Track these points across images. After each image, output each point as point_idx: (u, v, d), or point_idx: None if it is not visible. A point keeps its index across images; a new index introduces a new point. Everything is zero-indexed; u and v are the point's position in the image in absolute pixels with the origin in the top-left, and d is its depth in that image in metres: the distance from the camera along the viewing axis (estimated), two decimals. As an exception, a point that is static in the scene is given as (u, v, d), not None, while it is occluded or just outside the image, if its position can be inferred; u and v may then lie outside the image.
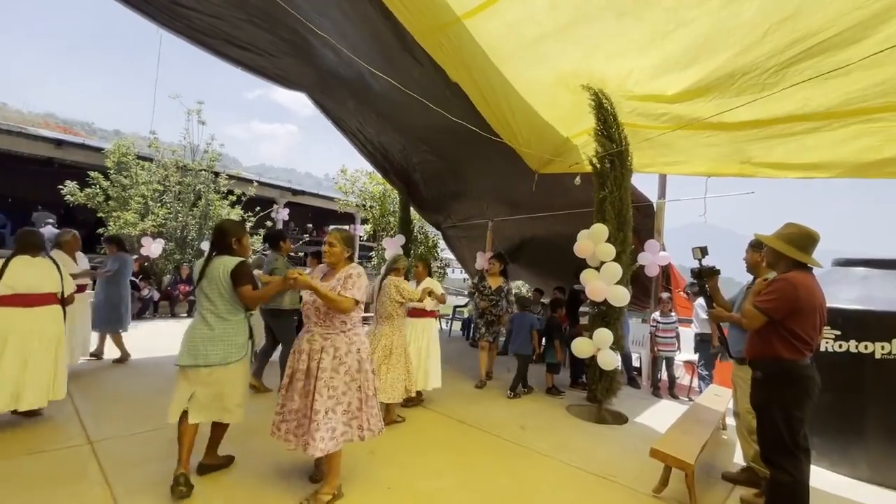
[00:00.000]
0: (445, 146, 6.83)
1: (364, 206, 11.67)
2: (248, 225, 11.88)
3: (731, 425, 4.25)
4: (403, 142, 7.35)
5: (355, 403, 2.59)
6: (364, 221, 12.93)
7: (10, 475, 2.74)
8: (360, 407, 2.61)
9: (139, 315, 8.80)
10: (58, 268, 3.56)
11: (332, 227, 16.45)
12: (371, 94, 5.75)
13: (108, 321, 5.39)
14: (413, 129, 6.68)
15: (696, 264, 3.20)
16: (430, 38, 3.99)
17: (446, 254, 12.36)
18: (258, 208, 12.12)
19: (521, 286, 11.13)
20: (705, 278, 3.17)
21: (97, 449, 3.14)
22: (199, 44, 5.28)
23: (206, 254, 2.79)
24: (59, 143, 11.74)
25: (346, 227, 17.52)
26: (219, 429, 2.91)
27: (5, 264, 3.28)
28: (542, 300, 7.93)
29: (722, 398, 4.56)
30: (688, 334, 6.32)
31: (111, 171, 10.07)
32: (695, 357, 6.00)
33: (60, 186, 9.82)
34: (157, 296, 9.56)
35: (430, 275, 4.62)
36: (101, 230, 9.54)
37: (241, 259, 2.76)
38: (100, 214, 9.96)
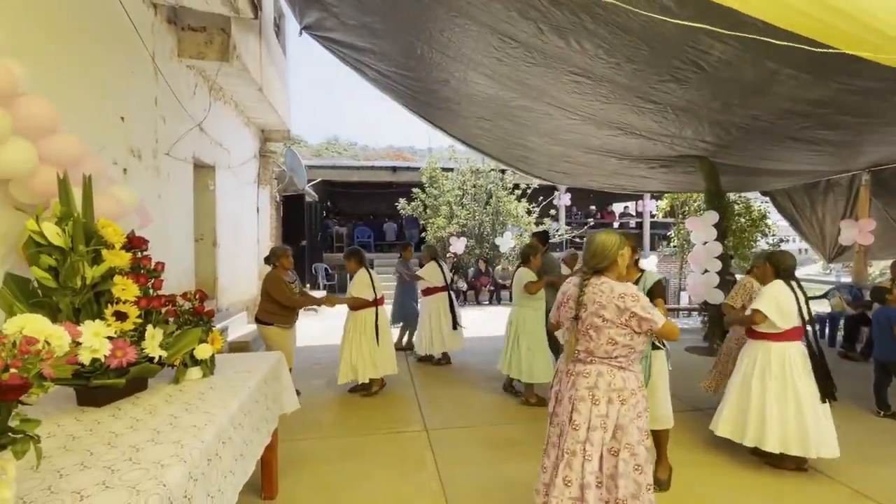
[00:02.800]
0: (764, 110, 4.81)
1: (656, 179, 10.11)
2: (534, 216, 12.30)
3: None
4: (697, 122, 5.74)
5: None
6: (656, 197, 11.30)
7: (371, 449, 3.32)
8: None
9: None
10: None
11: (618, 207, 14.97)
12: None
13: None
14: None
15: None
16: None
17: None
18: (541, 198, 12.43)
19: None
20: None
21: (431, 438, 3.50)
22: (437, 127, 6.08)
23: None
24: (394, 169, 15.28)
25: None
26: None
27: (370, 276, 4.27)
28: None
29: None
30: None
31: (426, 185, 12.26)
32: None
33: (396, 203, 12.67)
34: (465, 286, 11.01)
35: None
36: (423, 234, 12.02)
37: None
38: (422, 222, 12.31)
